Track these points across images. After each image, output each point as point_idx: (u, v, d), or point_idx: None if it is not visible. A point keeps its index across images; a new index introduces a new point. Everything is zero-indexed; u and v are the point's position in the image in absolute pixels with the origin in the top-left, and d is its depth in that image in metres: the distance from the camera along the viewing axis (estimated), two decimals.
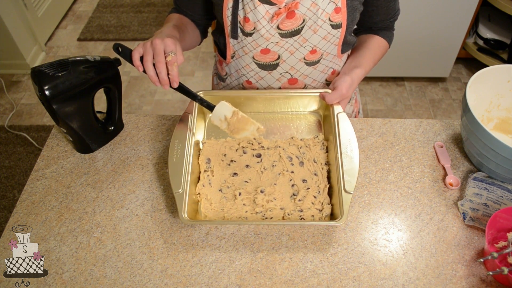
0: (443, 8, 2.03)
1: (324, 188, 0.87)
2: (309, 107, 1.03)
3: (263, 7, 0.89)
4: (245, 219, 0.84)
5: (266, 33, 0.93)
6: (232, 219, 0.85)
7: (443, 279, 0.77)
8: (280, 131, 1.01)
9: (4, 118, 2.36)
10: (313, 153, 0.94)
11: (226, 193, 0.88)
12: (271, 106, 1.03)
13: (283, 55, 0.99)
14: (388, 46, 1.08)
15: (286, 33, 0.93)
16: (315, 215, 0.84)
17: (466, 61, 2.54)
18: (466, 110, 0.87)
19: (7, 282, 0.79)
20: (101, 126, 1.00)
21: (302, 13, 0.89)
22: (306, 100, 1.02)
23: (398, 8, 1.04)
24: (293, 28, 0.92)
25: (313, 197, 0.86)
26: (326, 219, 0.84)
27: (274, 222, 0.83)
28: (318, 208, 0.85)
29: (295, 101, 1.02)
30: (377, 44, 1.05)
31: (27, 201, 0.91)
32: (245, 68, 1.05)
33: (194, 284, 0.78)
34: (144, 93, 2.49)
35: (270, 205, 0.86)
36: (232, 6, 0.91)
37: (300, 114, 1.04)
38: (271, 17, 0.90)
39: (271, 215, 0.85)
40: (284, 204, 0.86)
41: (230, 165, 0.92)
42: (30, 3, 2.58)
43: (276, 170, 0.91)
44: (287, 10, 0.88)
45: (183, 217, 0.80)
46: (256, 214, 0.85)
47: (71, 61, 0.88)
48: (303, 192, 0.87)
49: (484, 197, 0.86)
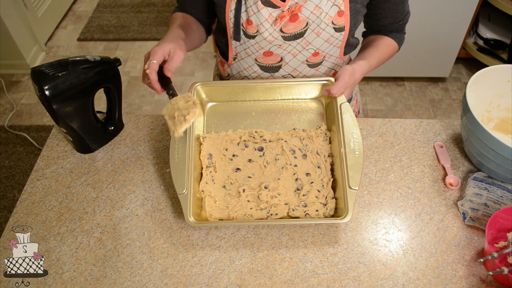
0: (443, 8, 2.02)
1: (328, 182, 0.87)
2: (310, 94, 1.01)
3: (266, 10, 0.89)
4: (250, 216, 0.84)
5: (269, 36, 0.92)
6: (238, 217, 0.84)
7: (443, 279, 0.77)
8: (281, 121, 0.98)
9: (4, 118, 2.36)
10: (316, 145, 0.93)
11: (230, 189, 0.88)
12: (271, 94, 1.00)
13: (286, 57, 0.98)
14: (397, 48, 1.05)
15: (289, 36, 0.93)
16: (320, 209, 0.84)
17: (466, 61, 2.54)
18: (466, 110, 0.87)
19: (7, 282, 0.79)
20: (101, 126, 1.00)
21: (305, 16, 0.89)
22: (308, 87, 0.99)
23: (408, 11, 1.00)
24: (296, 31, 0.91)
25: (317, 191, 0.86)
26: (330, 213, 0.84)
27: (281, 221, 0.82)
28: (322, 202, 0.85)
29: (297, 89, 1.00)
30: (384, 43, 1.02)
31: (27, 201, 0.91)
32: (247, 70, 1.04)
33: (194, 284, 0.78)
34: (144, 93, 2.49)
35: (274, 201, 0.85)
36: (235, 8, 0.90)
37: (301, 102, 1.01)
38: (274, 20, 0.90)
39: (276, 211, 0.84)
40: (289, 199, 0.86)
41: (233, 160, 0.92)
42: (30, 3, 2.57)
43: (279, 164, 0.90)
44: (290, 13, 0.88)
45: (189, 220, 0.80)
46: (261, 210, 0.85)
47: (71, 61, 0.88)
48: (307, 187, 0.87)
49: (484, 197, 0.86)
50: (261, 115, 0.99)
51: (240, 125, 0.98)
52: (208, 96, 1.00)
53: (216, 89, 0.98)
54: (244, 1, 0.89)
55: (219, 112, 1.00)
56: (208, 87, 0.99)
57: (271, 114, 0.99)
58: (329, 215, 0.84)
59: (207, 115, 1.00)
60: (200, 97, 0.99)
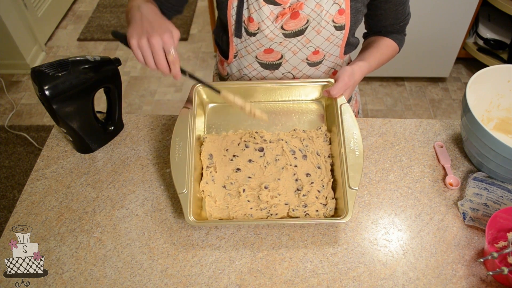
0: (443, 8, 2.03)
1: (328, 182, 0.87)
2: (311, 96, 1.01)
3: (268, 7, 0.89)
4: (250, 216, 0.84)
5: (270, 33, 0.93)
6: (238, 217, 0.84)
7: (443, 279, 0.77)
8: (282, 121, 0.99)
9: (4, 118, 2.36)
10: (316, 146, 0.93)
11: (230, 189, 0.88)
12: (272, 95, 1.01)
13: (286, 55, 0.98)
14: (397, 49, 1.05)
15: (289, 33, 0.93)
16: (320, 210, 0.84)
17: (466, 61, 2.54)
18: (466, 110, 0.87)
19: (7, 282, 0.79)
20: (101, 126, 1.00)
21: (306, 13, 0.89)
22: (309, 89, 1.00)
23: (408, 12, 1.00)
24: (297, 29, 0.92)
25: (317, 191, 0.86)
26: (330, 213, 0.84)
27: (281, 221, 0.82)
28: (322, 202, 0.85)
29: (297, 90, 1.00)
30: (385, 44, 1.02)
31: (27, 201, 0.91)
32: (247, 67, 1.05)
33: (194, 284, 0.78)
34: (144, 93, 2.49)
35: (274, 201, 0.85)
36: (237, 5, 0.90)
37: (301, 103, 1.01)
38: (275, 17, 0.90)
39: (276, 211, 0.84)
40: (289, 200, 0.86)
41: (233, 160, 0.92)
42: (30, 3, 2.58)
43: (280, 164, 0.91)
44: (291, 11, 0.88)
45: (189, 219, 0.80)
46: (261, 210, 0.85)
47: (71, 61, 0.88)
48: (307, 187, 0.87)
49: (484, 197, 0.86)
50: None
51: (240, 126, 0.98)
52: (209, 97, 1.01)
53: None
54: None
55: (219, 113, 1.01)
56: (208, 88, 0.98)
57: (272, 115, 1.00)
58: (329, 215, 0.84)
59: (208, 116, 1.01)
60: (201, 98, 0.99)
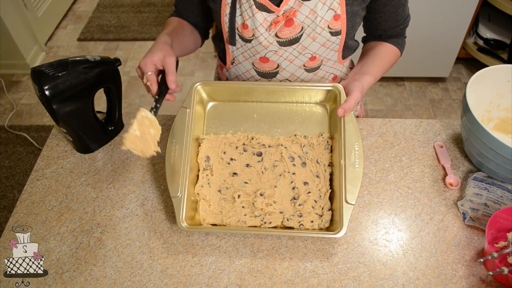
0: (443, 8, 2.03)
1: (326, 192, 0.85)
2: (315, 98, 0.97)
3: (261, 15, 0.88)
4: (243, 223, 0.83)
5: (264, 41, 0.92)
6: (231, 223, 0.83)
7: (443, 279, 0.77)
8: (283, 125, 0.95)
9: (4, 118, 2.36)
10: (317, 153, 0.90)
11: (225, 194, 0.87)
12: (275, 96, 0.97)
13: (283, 64, 0.98)
14: (399, 54, 1.03)
15: (284, 42, 0.92)
16: (315, 220, 0.82)
17: (466, 61, 2.54)
18: (466, 110, 0.87)
19: (7, 282, 0.79)
20: (101, 126, 1.00)
21: (300, 20, 0.88)
22: (313, 92, 0.96)
23: (408, 14, 0.98)
24: (292, 36, 0.90)
25: (313, 201, 0.84)
26: (326, 225, 0.82)
27: (272, 231, 0.81)
28: (318, 213, 0.83)
29: (301, 92, 0.96)
30: (387, 51, 1.00)
31: (27, 201, 0.91)
32: (245, 74, 1.04)
33: (194, 284, 0.78)
34: (144, 93, 2.49)
35: (269, 209, 0.84)
36: (229, 12, 0.89)
37: (305, 106, 0.97)
38: (269, 25, 0.89)
39: (270, 219, 0.83)
40: (284, 208, 0.85)
41: (230, 164, 0.90)
42: (30, 3, 2.58)
43: (277, 171, 0.89)
44: (285, 18, 0.87)
45: (181, 225, 0.79)
46: (255, 217, 0.83)
47: (71, 61, 0.89)
48: (304, 196, 0.85)
49: (484, 197, 0.86)
50: (262, 117, 0.97)
51: (240, 127, 0.96)
52: (209, 95, 0.99)
53: (218, 89, 0.97)
54: (239, 5, 0.89)
55: (219, 112, 0.99)
56: (209, 87, 0.97)
57: (273, 117, 0.97)
58: (324, 227, 0.82)
59: (208, 115, 0.99)
60: (200, 96, 0.97)
